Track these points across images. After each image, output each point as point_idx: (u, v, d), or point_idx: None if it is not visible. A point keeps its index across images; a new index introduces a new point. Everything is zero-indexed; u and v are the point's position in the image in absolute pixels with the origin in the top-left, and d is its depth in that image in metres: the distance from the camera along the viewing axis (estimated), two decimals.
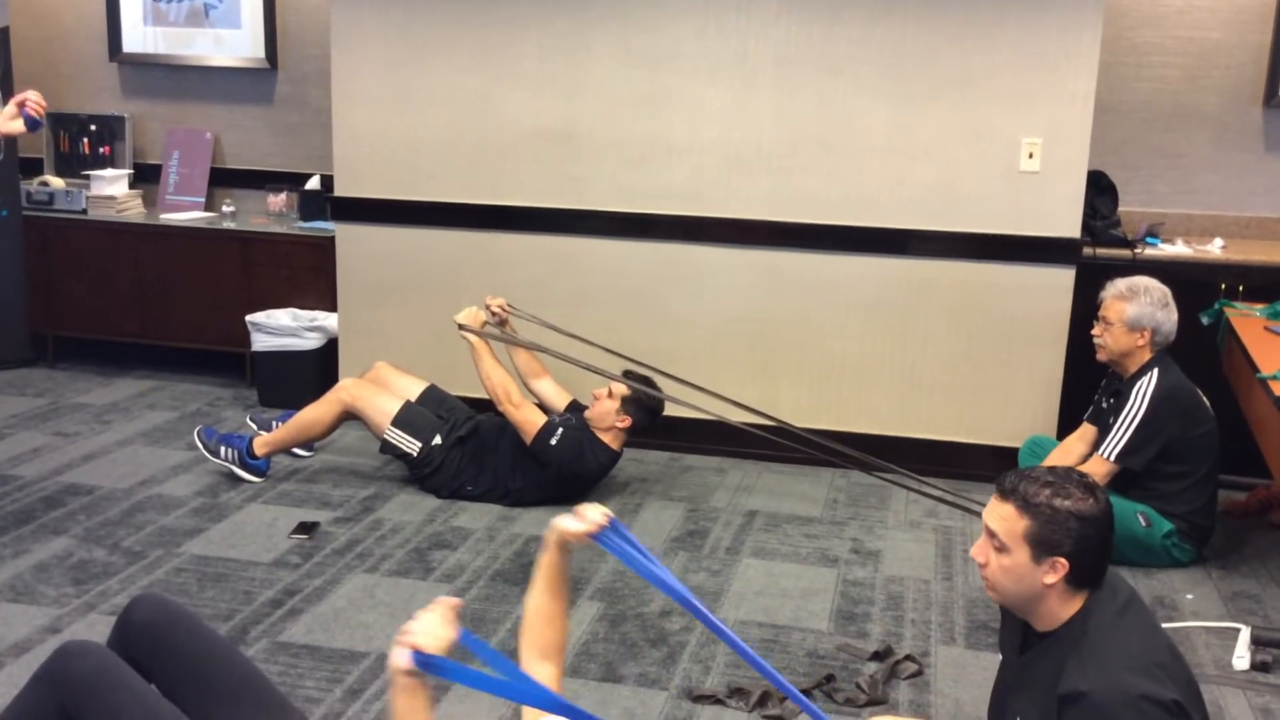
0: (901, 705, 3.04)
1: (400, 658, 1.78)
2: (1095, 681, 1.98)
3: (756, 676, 3.14)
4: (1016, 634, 2.25)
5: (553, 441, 4.23)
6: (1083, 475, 2.14)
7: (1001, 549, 2.11)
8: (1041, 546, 2.07)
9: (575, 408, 4.53)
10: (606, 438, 4.32)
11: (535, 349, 4.54)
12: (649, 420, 4.39)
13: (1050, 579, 2.08)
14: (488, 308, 4.53)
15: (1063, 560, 2.06)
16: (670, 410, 4.49)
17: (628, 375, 4.39)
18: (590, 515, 2.12)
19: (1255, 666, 3.28)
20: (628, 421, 4.32)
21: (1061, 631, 2.11)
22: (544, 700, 1.83)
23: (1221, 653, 3.37)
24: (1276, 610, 3.68)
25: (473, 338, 4.39)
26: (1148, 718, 1.95)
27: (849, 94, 4.60)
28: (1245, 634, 3.36)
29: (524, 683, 1.85)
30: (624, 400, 4.31)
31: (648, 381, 4.41)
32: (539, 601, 2.26)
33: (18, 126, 3.57)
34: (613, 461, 4.39)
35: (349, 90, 5.03)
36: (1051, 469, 2.15)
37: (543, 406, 4.52)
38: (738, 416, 4.46)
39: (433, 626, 1.81)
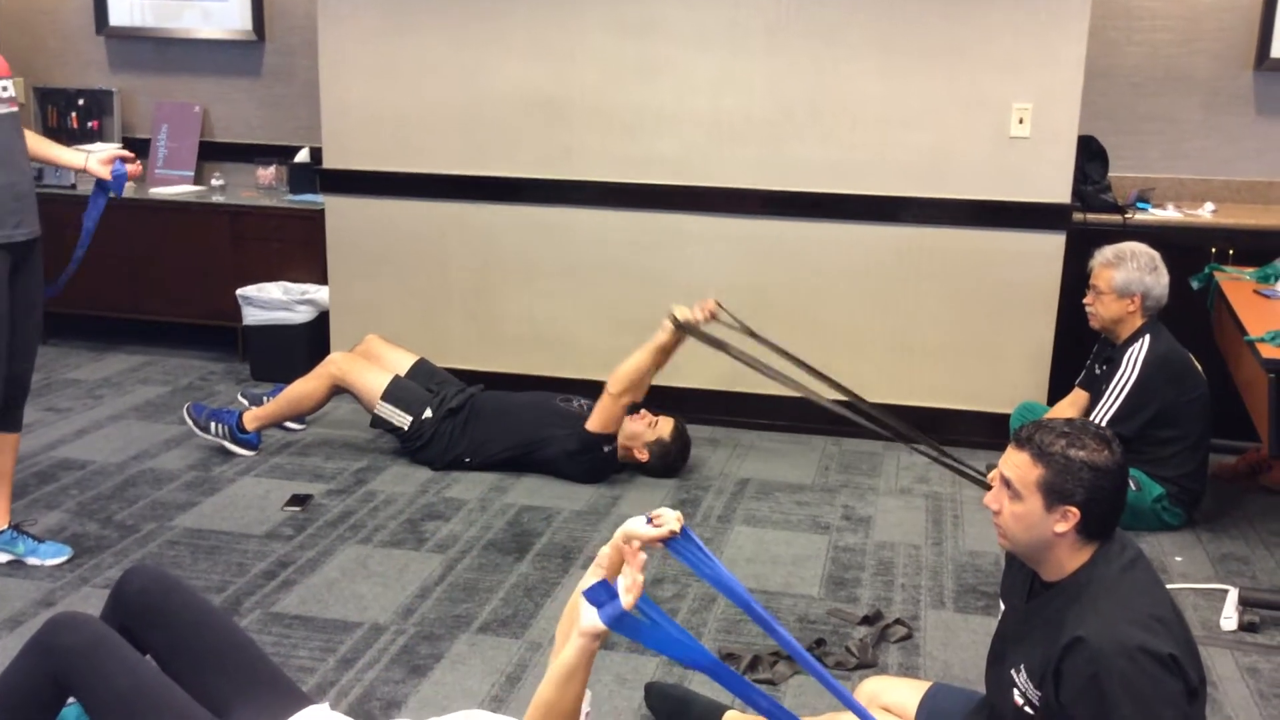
0: (891, 668, 3.07)
1: (590, 617, 1.83)
2: (1094, 629, 2.00)
3: (748, 641, 3.16)
4: (1023, 583, 2.27)
5: (600, 450, 4.22)
6: (1099, 427, 2.16)
7: (1015, 496, 2.13)
8: (1054, 495, 2.09)
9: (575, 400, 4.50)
10: (619, 448, 4.31)
11: (753, 365, 4.08)
12: (660, 473, 4.36)
13: (1061, 528, 2.10)
14: (702, 309, 4.14)
15: (1074, 509, 2.08)
16: (663, 379, 4.50)
17: (678, 423, 4.33)
18: (665, 522, 1.99)
19: (1243, 627, 3.30)
20: (644, 457, 4.30)
21: (1068, 582, 2.13)
22: (713, 666, 1.88)
23: (1210, 614, 3.39)
24: (1265, 572, 3.70)
25: (668, 335, 4.09)
26: (1142, 669, 1.97)
27: (839, 61, 4.58)
28: (1233, 595, 3.38)
29: (694, 646, 1.89)
30: (658, 442, 4.26)
31: (685, 440, 4.35)
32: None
33: (103, 173, 3.53)
34: (607, 472, 4.35)
35: (337, 61, 5.00)
36: (1069, 420, 2.17)
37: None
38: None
39: (634, 583, 1.84)
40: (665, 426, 4.31)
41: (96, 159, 3.53)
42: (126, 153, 3.59)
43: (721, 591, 2.02)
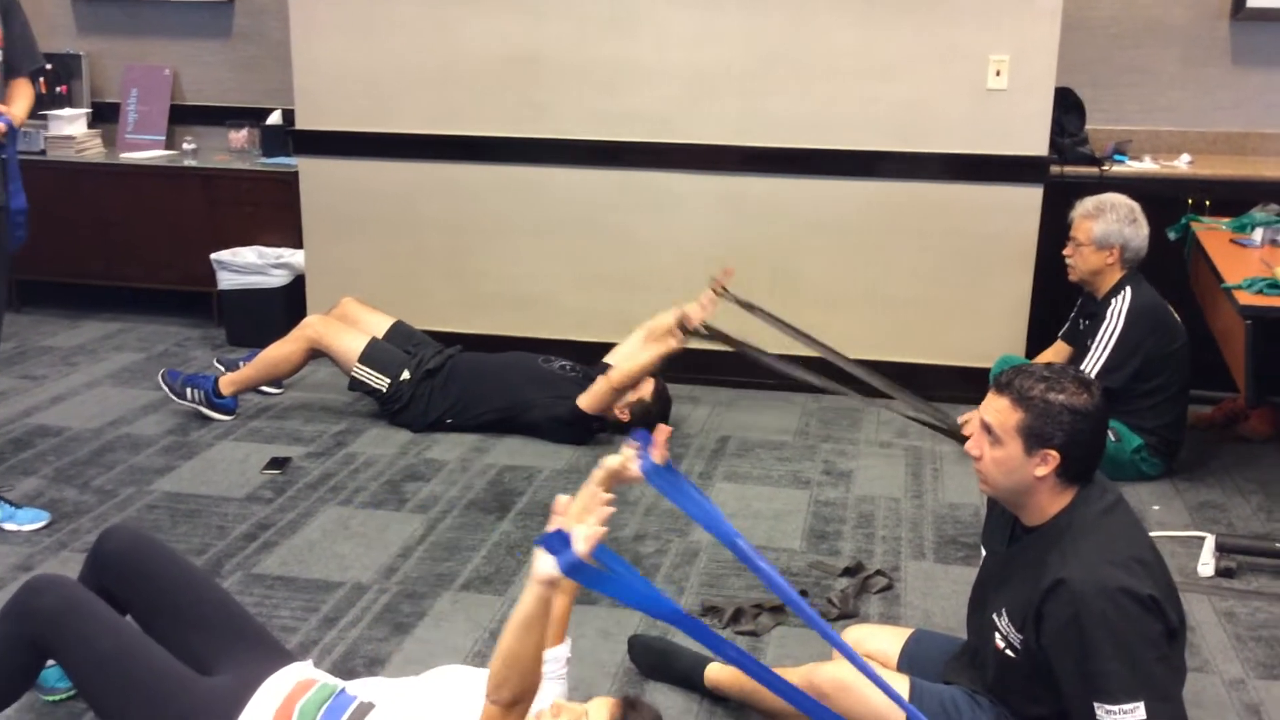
0: (872, 618, 3.08)
1: (545, 564, 1.81)
2: (1075, 571, 2.02)
3: (730, 594, 3.17)
4: (1004, 528, 2.28)
5: (589, 426, 4.24)
6: (1078, 372, 2.17)
7: (995, 441, 2.14)
8: (1034, 439, 2.10)
9: (569, 368, 4.47)
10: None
11: (755, 355, 4.16)
12: (640, 427, 4.33)
13: (1041, 471, 2.10)
14: (705, 304, 4.11)
15: (1054, 453, 2.09)
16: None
17: (660, 383, 4.32)
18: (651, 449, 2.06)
19: (1219, 573, 3.33)
20: (626, 417, 4.26)
21: (1049, 526, 2.15)
22: (676, 615, 1.86)
23: (1187, 560, 3.42)
24: (1241, 519, 3.73)
25: (678, 343, 4.09)
26: (1123, 609, 1.99)
27: (817, 12, 4.54)
28: (1210, 542, 3.41)
29: (655, 594, 1.88)
30: (640, 402, 4.24)
31: (666, 402, 4.35)
32: None
33: None
34: (590, 436, 4.35)
35: (307, 21, 4.93)
36: (1048, 365, 2.18)
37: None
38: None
39: (589, 530, 1.81)
40: (645, 386, 4.30)
41: None
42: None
43: (707, 529, 1.99)
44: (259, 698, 2.18)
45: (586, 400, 4.20)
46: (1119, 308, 3.90)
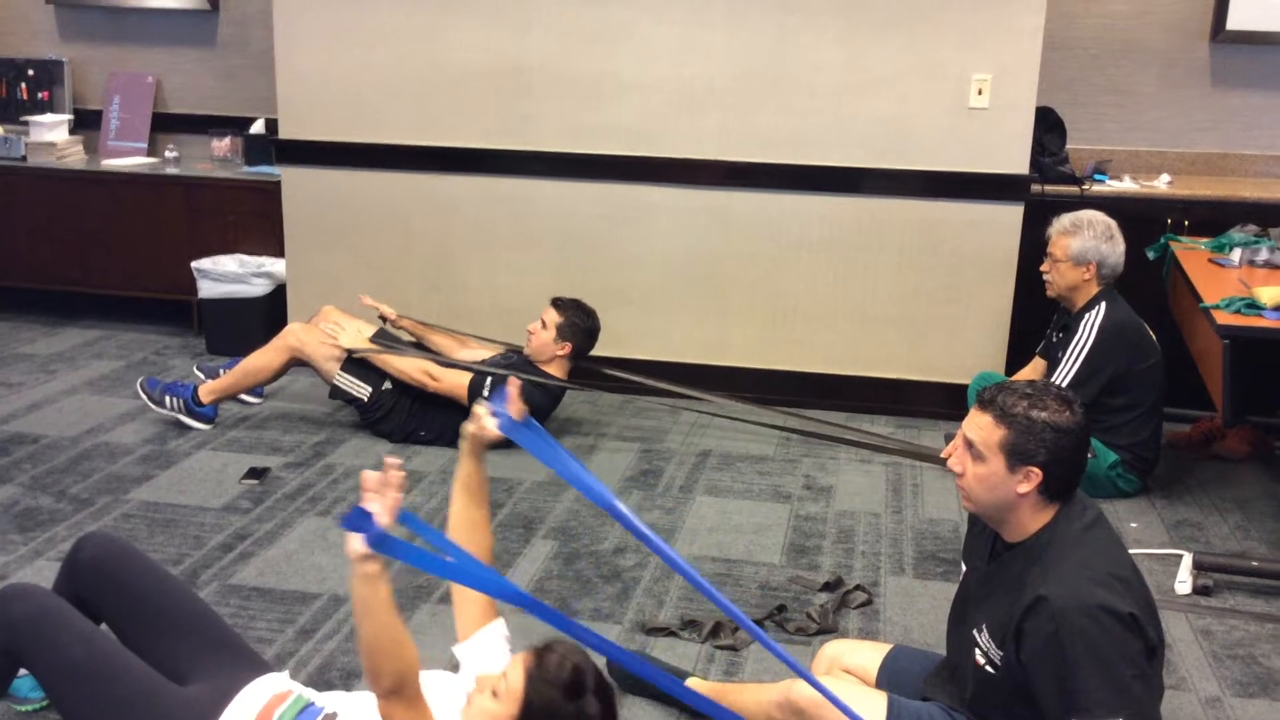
0: (851, 633, 3.08)
1: (356, 543, 1.77)
2: (1056, 588, 2.02)
3: (710, 609, 3.17)
4: (985, 544, 2.29)
5: (486, 394, 4.21)
6: (1061, 389, 2.18)
7: (978, 458, 2.14)
8: (1016, 456, 2.10)
9: (508, 355, 4.50)
10: (550, 368, 4.32)
11: (420, 355, 4.42)
12: (587, 342, 4.36)
13: (1024, 488, 2.11)
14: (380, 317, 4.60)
15: (1036, 470, 2.10)
16: (624, 352, 4.48)
17: (556, 302, 4.36)
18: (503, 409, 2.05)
19: (1196, 590, 3.35)
20: (567, 348, 4.30)
21: (1030, 542, 2.15)
22: (489, 582, 1.85)
23: (1164, 578, 3.44)
24: (1218, 537, 3.75)
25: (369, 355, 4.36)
26: (1103, 627, 1.99)
27: (800, 29, 4.57)
28: (1187, 560, 3.42)
29: (469, 564, 1.86)
30: (558, 328, 4.30)
31: (577, 304, 4.37)
32: (464, 513, 2.27)
33: None
34: (561, 391, 4.38)
35: (291, 30, 4.93)
36: (1031, 382, 2.19)
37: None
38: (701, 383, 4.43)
39: (386, 499, 1.79)
40: (550, 313, 4.32)
41: None
42: None
43: (575, 485, 1.90)
44: (234, 707, 2.16)
45: (463, 403, 4.19)
46: (1091, 322, 3.93)
